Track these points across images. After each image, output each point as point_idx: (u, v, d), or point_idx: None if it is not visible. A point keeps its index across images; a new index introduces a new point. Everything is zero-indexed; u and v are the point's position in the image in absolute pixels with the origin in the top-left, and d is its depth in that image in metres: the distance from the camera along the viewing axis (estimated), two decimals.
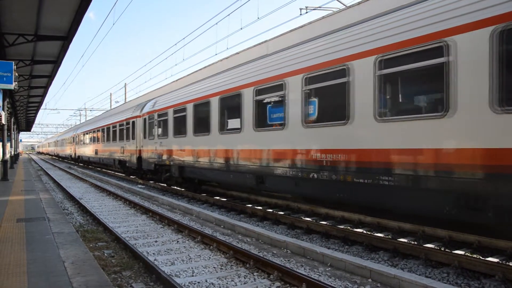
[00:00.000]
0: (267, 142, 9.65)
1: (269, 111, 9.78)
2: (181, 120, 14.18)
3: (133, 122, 20.43)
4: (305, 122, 8.52)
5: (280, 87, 9.21)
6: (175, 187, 16.41)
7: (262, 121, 9.90)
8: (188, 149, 13.64)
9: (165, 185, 17.12)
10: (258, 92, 9.98)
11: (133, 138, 20.42)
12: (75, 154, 41.34)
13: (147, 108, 18.39)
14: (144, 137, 18.35)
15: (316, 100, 8.45)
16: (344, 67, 7.45)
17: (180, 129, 14.35)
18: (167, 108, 15.52)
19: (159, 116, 16.42)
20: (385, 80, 6.82)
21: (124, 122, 22.19)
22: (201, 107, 12.77)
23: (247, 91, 10.35)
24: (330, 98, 8.23)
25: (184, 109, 13.95)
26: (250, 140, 10.27)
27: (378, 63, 6.85)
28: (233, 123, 11.15)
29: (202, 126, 12.71)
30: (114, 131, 24.39)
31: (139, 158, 19.21)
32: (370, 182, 7.01)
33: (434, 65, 6.08)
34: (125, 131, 22.00)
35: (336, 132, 7.79)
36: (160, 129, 16.43)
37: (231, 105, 11.20)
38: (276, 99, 9.42)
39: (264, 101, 9.85)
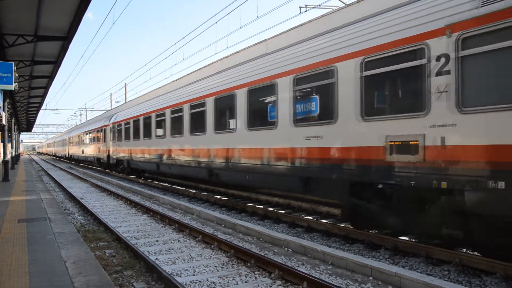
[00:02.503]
0: (161, 145, 16.32)
1: (155, 127, 17.01)
2: (128, 130, 21.15)
3: (105, 129, 27.06)
4: (171, 135, 15.16)
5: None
6: (175, 187, 16.52)
7: (160, 131, 16.50)
8: (131, 149, 20.66)
9: (164, 181, 17.29)
10: (158, 116, 16.93)
11: (105, 141, 27.04)
12: (68, 153, 48.77)
13: (112, 119, 25.41)
14: (111, 140, 25.19)
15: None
16: (274, 83, 9.35)
17: (127, 135, 21.29)
18: (121, 121, 22.53)
19: (118, 126, 23.40)
20: (298, 95, 8.69)
21: (100, 129, 28.72)
22: (136, 123, 19.68)
23: (153, 115, 17.31)
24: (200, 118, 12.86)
25: (129, 123, 20.99)
26: (154, 143, 17.14)
27: (294, 81, 8.68)
28: (150, 133, 17.70)
29: (137, 134, 19.59)
30: (94, 136, 31.00)
31: (108, 156, 25.93)
32: (191, 165, 13.42)
33: (327, 84, 7.81)
34: (100, 135, 28.44)
35: (178, 140, 14.56)
36: (118, 135, 23.30)
37: (148, 122, 18.00)
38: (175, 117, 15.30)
39: (160, 120, 16.54)
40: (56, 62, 16.89)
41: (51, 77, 20.38)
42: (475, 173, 5.42)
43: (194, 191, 15.34)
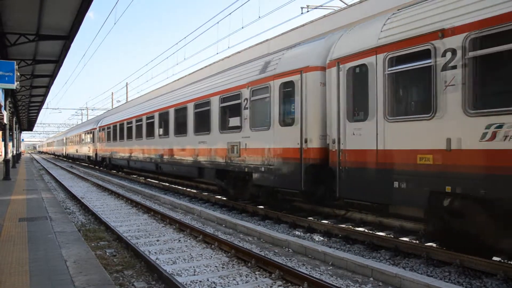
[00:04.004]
0: (129, 146, 21.54)
1: (126, 132, 22.31)
2: (109, 133, 26.58)
3: (93, 132, 32.04)
4: (136, 138, 20.49)
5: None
6: (176, 186, 16.54)
7: (128, 136, 21.93)
8: (112, 149, 25.97)
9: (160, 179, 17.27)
10: (128, 123, 22.07)
11: (93, 142, 31.96)
12: (65, 152, 54.92)
13: (99, 123, 30.94)
14: (98, 142, 30.45)
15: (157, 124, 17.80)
16: (186, 106, 14.27)
17: (109, 138, 26.72)
18: (105, 126, 28.10)
19: (102, 129, 28.80)
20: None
21: (90, 131, 33.86)
22: (115, 128, 24.76)
23: (125, 122, 22.47)
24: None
25: (110, 127, 26.37)
26: (126, 145, 22.34)
27: (194, 106, 13.64)
28: (123, 137, 22.84)
29: (115, 137, 24.86)
30: (85, 137, 36.45)
31: (96, 154, 31.03)
32: (147, 161, 18.55)
33: (207, 110, 12.53)
34: (90, 137, 33.58)
35: (140, 142, 19.67)
36: (102, 137, 28.59)
37: (121, 128, 23.10)
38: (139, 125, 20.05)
39: (129, 127, 21.65)
40: (58, 61, 16.91)
41: (52, 76, 20.40)
42: (257, 163, 10.04)
43: (195, 191, 15.33)
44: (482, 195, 5.43)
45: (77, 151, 41.65)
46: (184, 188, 16.11)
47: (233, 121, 11.17)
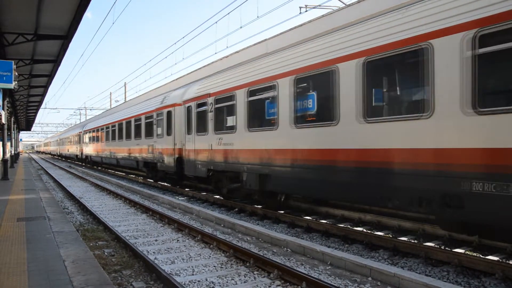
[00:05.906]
0: (102, 147, 28.49)
1: (100, 135, 29.64)
2: (90, 136, 33.17)
3: (80, 134, 38.72)
4: (105, 140, 27.55)
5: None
6: (175, 186, 16.59)
7: (101, 139, 29.13)
8: (91, 149, 32.51)
9: (159, 181, 17.39)
10: (102, 129, 28.89)
11: (79, 143, 38.65)
12: (59, 152, 62.49)
13: (84, 128, 37.65)
14: (82, 142, 37.20)
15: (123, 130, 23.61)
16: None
17: (89, 140, 33.58)
18: (87, 130, 34.88)
19: (85, 132, 35.67)
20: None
21: (77, 134, 40.68)
22: (93, 131, 31.12)
23: (100, 128, 29.52)
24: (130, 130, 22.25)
25: (90, 131, 33.05)
26: (100, 146, 29.13)
27: (134, 120, 20.99)
28: (98, 139, 29.47)
29: (93, 140, 31.34)
30: (74, 139, 43.29)
31: (81, 153, 37.84)
32: (111, 157, 26.12)
33: (139, 123, 19.84)
34: (78, 139, 40.15)
35: (107, 143, 27.44)
36: (86, 139, 35.37)
37: (98, 131, 29.62)
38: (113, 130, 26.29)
39: (102, 132, 28.69)
40: (56, 61, 16.87)
41: (50, 76, 20.34)
42: (158, 157, 16.70)
43: (193, 191, 15.32)
44: (220, 169, 11.58)
45: (68, 151, 49.88)
46: (182, 189, 16.11)
47: (150, 132, 17.90)
